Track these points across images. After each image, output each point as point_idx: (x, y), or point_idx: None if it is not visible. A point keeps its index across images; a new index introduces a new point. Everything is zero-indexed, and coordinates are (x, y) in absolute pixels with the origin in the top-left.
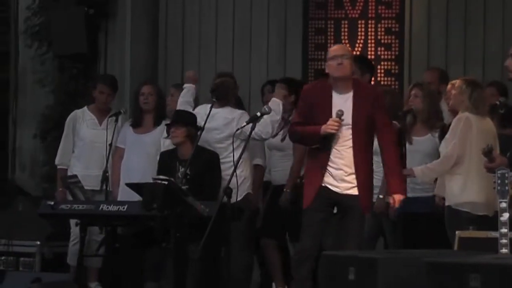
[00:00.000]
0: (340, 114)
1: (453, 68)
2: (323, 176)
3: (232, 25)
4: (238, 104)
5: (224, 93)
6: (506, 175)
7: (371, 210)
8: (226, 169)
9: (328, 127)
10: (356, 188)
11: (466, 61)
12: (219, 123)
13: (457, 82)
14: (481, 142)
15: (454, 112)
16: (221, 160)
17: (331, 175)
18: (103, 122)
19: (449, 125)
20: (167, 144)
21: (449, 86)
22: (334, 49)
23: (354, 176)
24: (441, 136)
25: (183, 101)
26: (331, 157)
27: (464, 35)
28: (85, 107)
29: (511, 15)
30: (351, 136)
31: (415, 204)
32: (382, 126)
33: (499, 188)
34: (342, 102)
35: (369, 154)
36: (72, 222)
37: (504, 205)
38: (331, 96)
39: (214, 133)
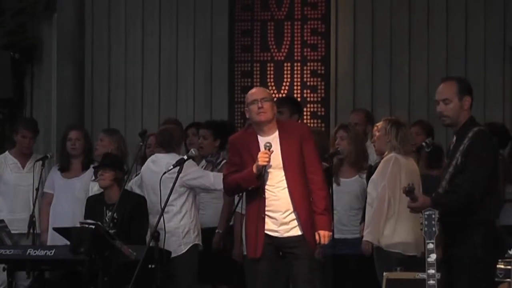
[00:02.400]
0: (268, 146)
1: (379, 110)
2: (263, 223)
3: (158, 68)
4: None
5: (166, 140)
6: (433, 216)
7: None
8: (170, 217)
9: (259, 160)
10: (297, 228)
11: (392, 103)
12: (162, 168)
13: (380, 123)
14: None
15: (381, 154)
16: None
17: (270, 220)
18: (26, 166)
19: (376, 165)
20: (95, 189)
21: (374, 128)
22: (252, 93)
23: (293, 216)
24: (368, 177)
25: None
26: (267, 201)
27: (390, 77)
28: (7, 152)
29: (435, 57)
30: (284, 177)
31: (344, 245)
32: (311, 165)
33: (426, 229)
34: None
35: (307, 191)
36: None
37: (431, 246)
38: (257, 140)
39: (156, 177)
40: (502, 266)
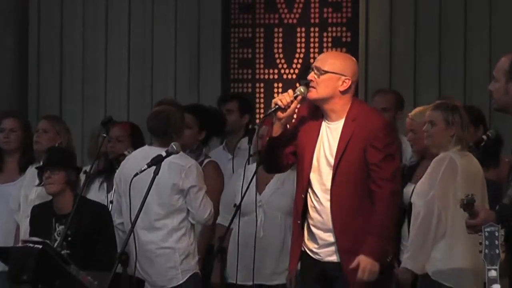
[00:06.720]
0: (302, 93)
1: (425, 92)
2: (299, 232)
3: (127, 34)
4: None
5: (161, 128)
6: (496, 233)
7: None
8: (163, 235)
9: (277, 97)
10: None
11: (441, 82)
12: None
13: (430, 114)
14: (469, 190)
15: (420, 153)
16: (157, 225)
17: (311, 237)
18: None
19: (411, 166)
20: (32, 197)
21: (408, 120)
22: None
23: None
24: (405, 179)
25: None
26: (310, 210)
27: (439, 47)
28: None
29: (501, 21)
30: (330, 183)
31: None
32: (376, 174)
33: (487, 251)
34: (329, 133)
35: (362, 207)
36: None
37: (494, 274)
38: (320, 125)
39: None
40: None
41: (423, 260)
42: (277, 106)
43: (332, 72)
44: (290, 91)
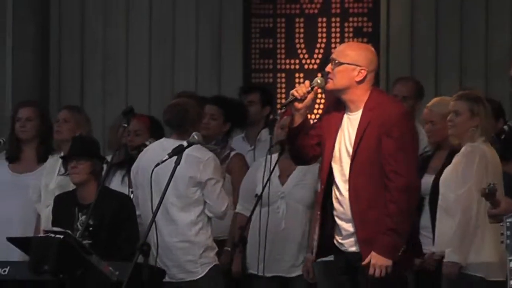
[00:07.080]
0: (319, 84)
1: (446, 81)
2: (333, 227)
3: (148, 26)
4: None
5: (177, 120)
6: None
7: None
8: (181, 228)
9: (294, 89)
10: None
11: (462, 72)
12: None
13: (455, 104)
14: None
15: (437, 144)
16: (176, 217)
17: (337, 227)
18: None
19: (426, 156)
20: (53, 187)
21: (426, 111)
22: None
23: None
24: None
25: None
26: (334, 202)
27: (460, 37)
28: None
29: None
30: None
31: None
32: (389, 167)
33: (508, 241)
34: (349, 124)
35: (378, 198)
36: None
37: None
38: (342, 117)
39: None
40: None
41: (466, 252)
42: (293, 97)
43: (347, 63)
44: (307, 82)
